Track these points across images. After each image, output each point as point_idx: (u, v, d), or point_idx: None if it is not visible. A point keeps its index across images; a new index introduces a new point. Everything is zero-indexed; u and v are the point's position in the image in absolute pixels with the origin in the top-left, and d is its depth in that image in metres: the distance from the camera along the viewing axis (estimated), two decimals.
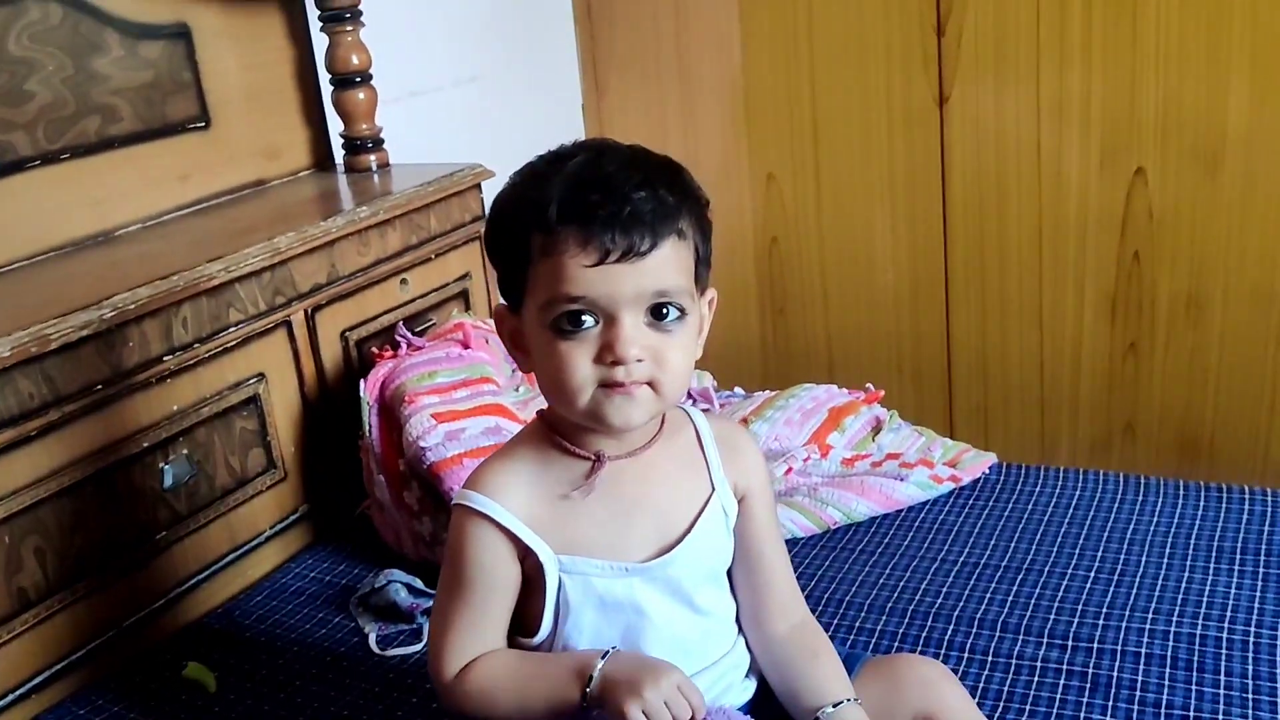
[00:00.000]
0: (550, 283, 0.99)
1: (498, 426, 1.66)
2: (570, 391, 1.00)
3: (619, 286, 0.98)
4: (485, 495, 1.06)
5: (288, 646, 1.54)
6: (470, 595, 1.07)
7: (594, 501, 1.07)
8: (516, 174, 1.06)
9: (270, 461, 1.73)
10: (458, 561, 1.07)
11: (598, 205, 0.97)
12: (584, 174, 1.00)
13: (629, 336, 0.98)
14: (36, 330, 1.40)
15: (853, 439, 1.87)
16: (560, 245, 0.98)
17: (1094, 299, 2.44)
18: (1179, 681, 1.32)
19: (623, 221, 0.97)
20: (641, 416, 1.02)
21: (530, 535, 1.05)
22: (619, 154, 1.03)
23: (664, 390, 1.01)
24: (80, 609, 1.49)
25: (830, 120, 2.57)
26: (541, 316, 1.00)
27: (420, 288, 1.96)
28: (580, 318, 0.99)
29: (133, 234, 1.81)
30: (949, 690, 1.15)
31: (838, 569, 1.60)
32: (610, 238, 0.97)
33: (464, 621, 1.07)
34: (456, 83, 2.45)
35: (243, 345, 1.67)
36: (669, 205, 1.00)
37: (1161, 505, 1.68)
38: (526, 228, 1.00)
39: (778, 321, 2.77)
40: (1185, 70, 2.22)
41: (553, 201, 0.98)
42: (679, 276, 1.01)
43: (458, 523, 1.08)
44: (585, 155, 1.02)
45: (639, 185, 0.99)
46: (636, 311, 0.99)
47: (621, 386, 0.99)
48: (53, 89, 1.69)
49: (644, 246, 0.97)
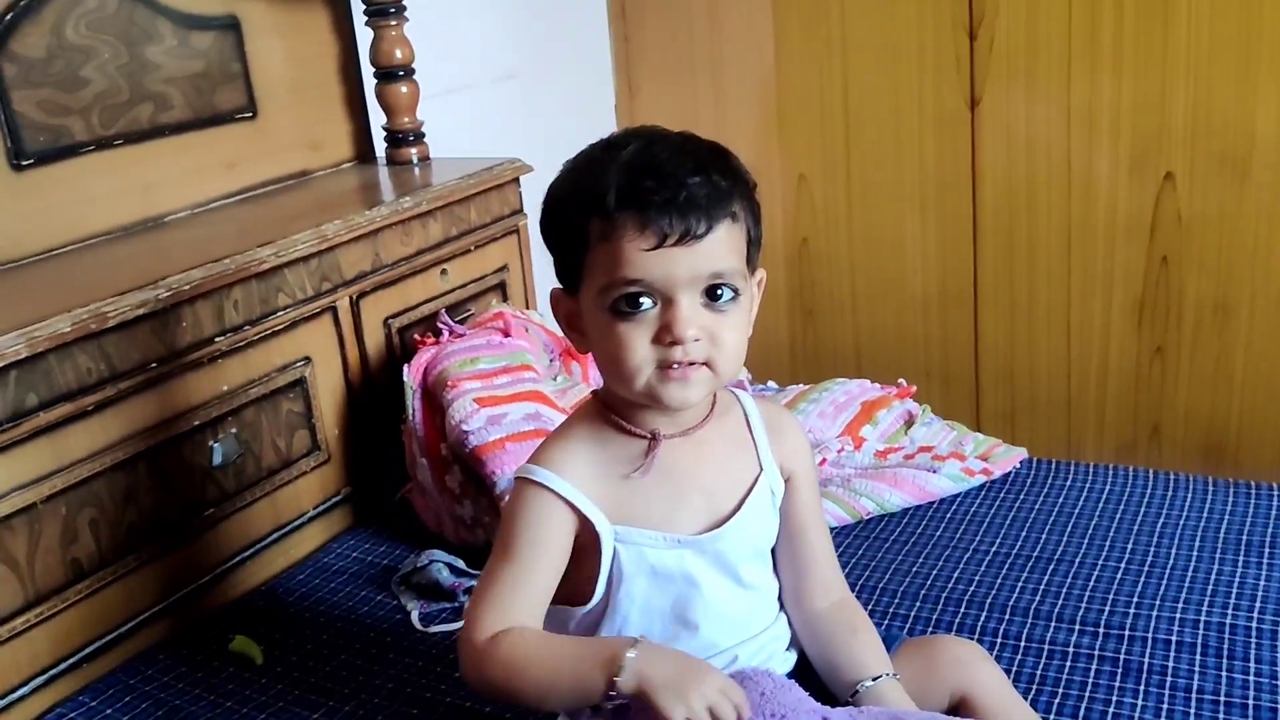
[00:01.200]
0: (609, 267, 1.02)
1: (538, 413, 1.69)
2: (629, 372, 1.04)
3: (675, 269, 1.01)
4: (548, 469, 1.09)
5: (331, 623, 1.58)
6: (518, 558, 1.07)
7: (649, 479, 1.10)
8: (570, 162, 1.10)
9: (315, 443, 1.77)
10: (511, 527, 1.09)
11: (654, 191, 1.00)
12: (639, 161, 1.03)
13: (686, 317, 1.02)
14: (95, 308, 1.44)
15: (885, 432, 1.90)
16: (618, 230, 1.01)
17: (1122, 303, 2.46)
18: (1210, 668, 1.34)
19: (679, 206, 1.00)
20: (698, 395, 1.06)
21: (589, 505, 1.08)
22: (671, 141, 1.07)
23: (720, 368, 1.05)
24: (131, 581, 1.53)
25: (862, 122, 2.60)
26: (600, 300, 1.04)
27: (460, 278, 2.00)
28: (638, 300, 1.02)
29: (181, 220, 1.85)
30: (985, 670, 1.18)
31: (871, 557, 1.62)
32: (667, 222, 1.00)
33: (507, 582, 1.06)
34: (494, 80, 2.49)
35: (290, 329, 1.71)
36: (722, 190, 1.03)
37: (1190, 500, 1.70)
38: (584, 214, 1.04)
39: (807, 322, 2.80)
40: (1215, 76, 2.24)
41: (610, 188, 1.02)
42: (732, 258, 1.04)
43: (518, 494, 1.10)
44: (638, 143, 1.06)
45: (693, 171, 1.02)
46: (693, 293, 1.02)
47: (678, 369, 1.02)
48: (108, 76, 1.74)
49: (700, 230, 1.01)
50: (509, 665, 1.03)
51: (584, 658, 1.01)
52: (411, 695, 1.41)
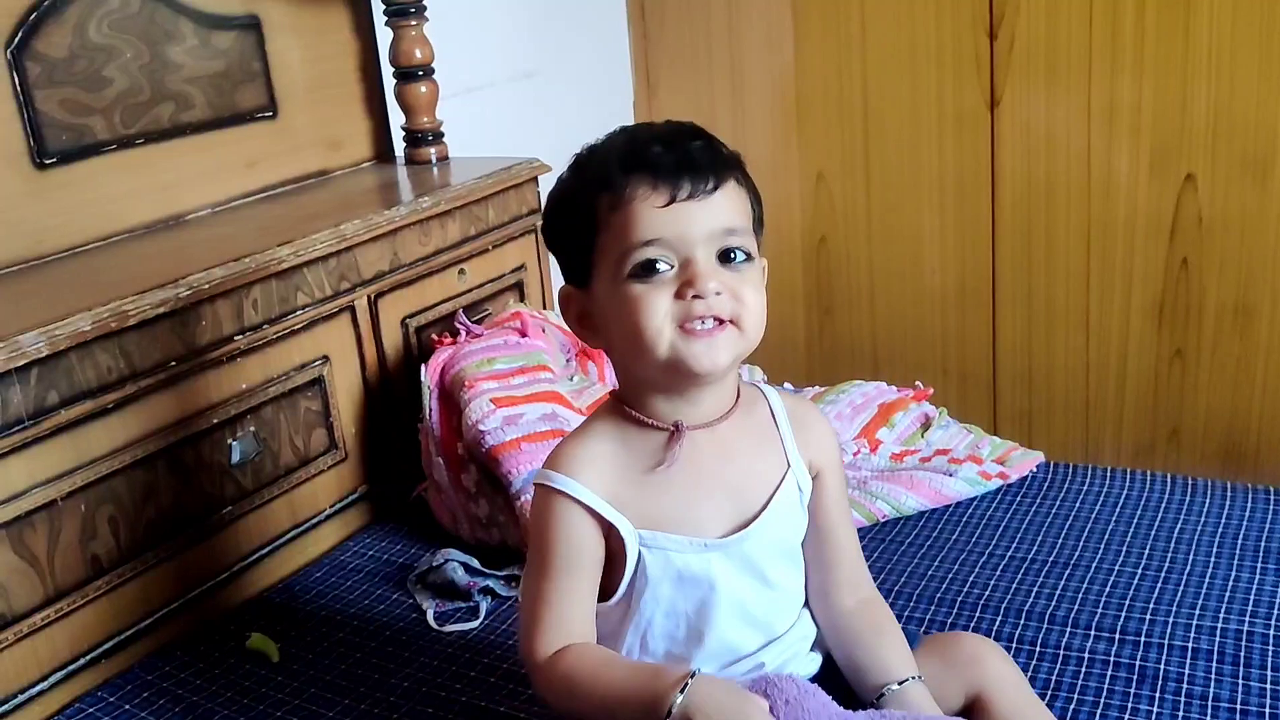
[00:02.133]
0: (623, 234, 1.03)
1: (554, 413, 1.70)
2: (650, 337, 1.02)
3: (690, 226, 1.02)
4: (566, 474, 1.07)
5: (347, 621, 1.59)
6: (558, 573, 1.07)
7: (673, 476, 1.08)
8: (569, 165, 1.11)
9: (332, 442, 1.78)
10: (544, 541, 1.08)
11: (660, 154, 1.03)
12: (639, 134, 1.07)
13: (706, 271, 1.02)
14: (116, 306, 1.45)
15: (902, 434, 1.90)
16: (629, 194, 1.02)
17: (1141, 305, 2.44)
18: (1226, 675, 1.33)
19: (686, 164, 1.03)
20: (725, 358, 1.04)
21: (611, 512, 1.07)
22: (667, 123, 1.09)
23: (745, 325, 1.04)
24: (149, 578, 1.54)
25: (881, 121, 2.59)
26: (616, 271, 1.03)
27: (477, 278, 2.00)
28: (655, 264, 1.02)
29: (201, 218, 1.86)
30: (1002, 667, 1.17)
31: (887, 560, 1.62)
32: (677, 178, 1.02)
33: (553, 604, 1.07)
34: (512, 78, 2.49)
35: (309, 328, 1.72)
36: (723, 154, 1.07)
37: (1209, 505, 1.69)
38: (592, 194, 1.05)
39: (824, 321, 2.80)
40: (1237, 77, 2.23)
41: (615, 161, 1.04)
42: (743, 218, 1.06)
43: (540, 502, 1.09)
44: (637, 127, 1.10)
45: (692, 137, 1.06)
46: (709, 251, 1.03)
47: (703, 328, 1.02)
48: (130, 76, 1.75)
49: (709, 185, 1.03)
50: (565, 690, 1.05)
51: (634, 694, 1.01)
52: (427, 694, 1.42)
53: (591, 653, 1.07)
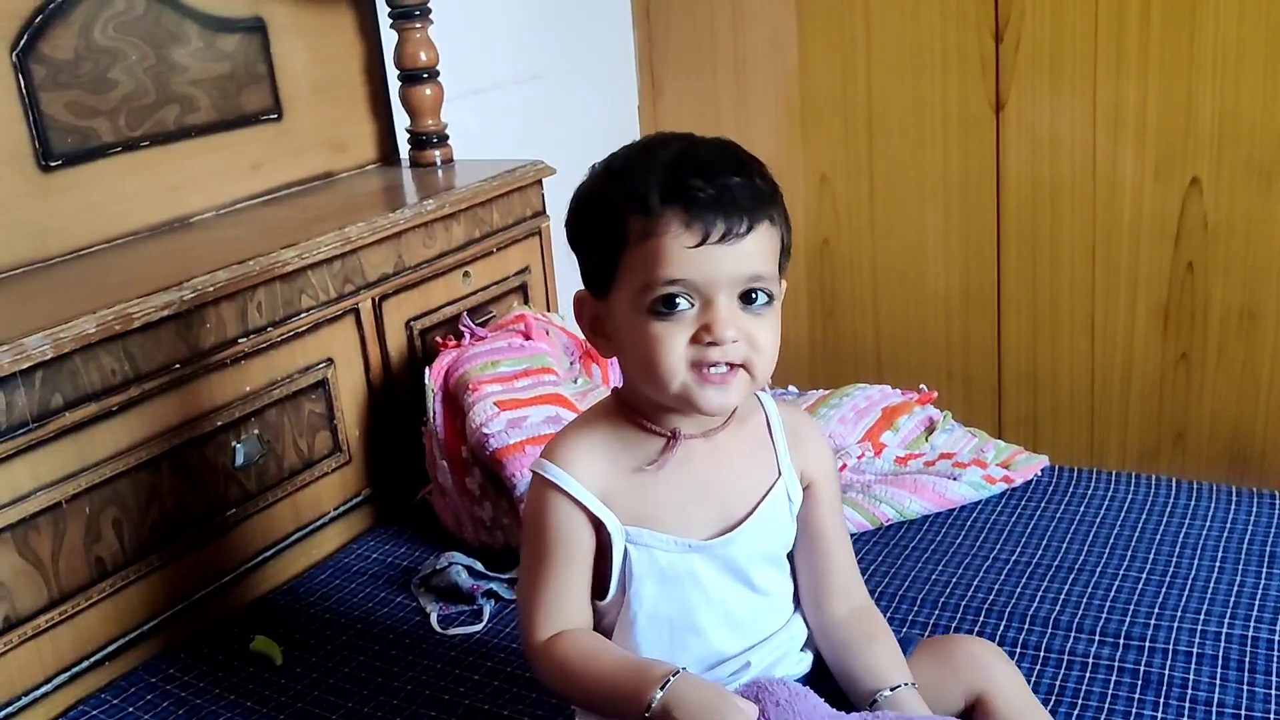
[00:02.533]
0: (648, 265, 1.02)
1: (558, 416, 1.70)
2: (664, 374, 1.03)
3: (716, 269, 1.01)
4: (560, 467, 1.09)
5: (351, 623, 1.59)
6: (552, 562, 1.10)
7: (664, 477, 1.10)
8: (602, 164, 1.10)
9: (336, 444, 1.78)
10: (538, 530, 1.10)
11: (699, 189, 1.01)
12: (682, 161, 1.03)
13: (725, 318, 1.01)
14: (120, 309, 1.45)
15: (906, 438, 1.89)
16: (661, 227, 1.01)
17: (1146, 308, 2.44)
18: (1231, 681, 1.33)
19: (723, 205, 1.01)
20: (735, 400, 1.06)
21: (600, 507, 1.08)
22: (711, 144, 1.07)
23: (757, 372, 1.05)
24: (154, 580, 1.54)
25: (885, 123, 2.59)
26: (637, 300, 1.03)
27: (482, 281, 2.00)
28: (675, 301, 1.02)
29: (206, 220, 1.86)
30: (1002, 670, 1.17)
31: (890, 564, 1.62)
32: (711, 219, 1.00)
33: (549, 589, 1.10)
34: (517, 80, 2.49)
35: (313, 331, 1.72)
36: (763, 192, 1.04)
37: (1214, 510, 1.69)
38: (624, 212, 1.03)
39: (827, 324, 2.79)
40: (1242, 81, 2.22)
41: (654, 186, 1.02)
42: (769, 262, 1.05)
43: (535, 492, 1.11)
44: (679, 144, 1.06)
45: (735, 172, 1.03)
46: (731, 295, 1.02)
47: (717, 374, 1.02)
48: (135, 78, 1.75)
49: (742, 229, 1.01)
50: (559, 675, 1.09)
51: (619, 686, 1.04)
52: (430, 697, 1.42)
53: (584, 641, 1.09)
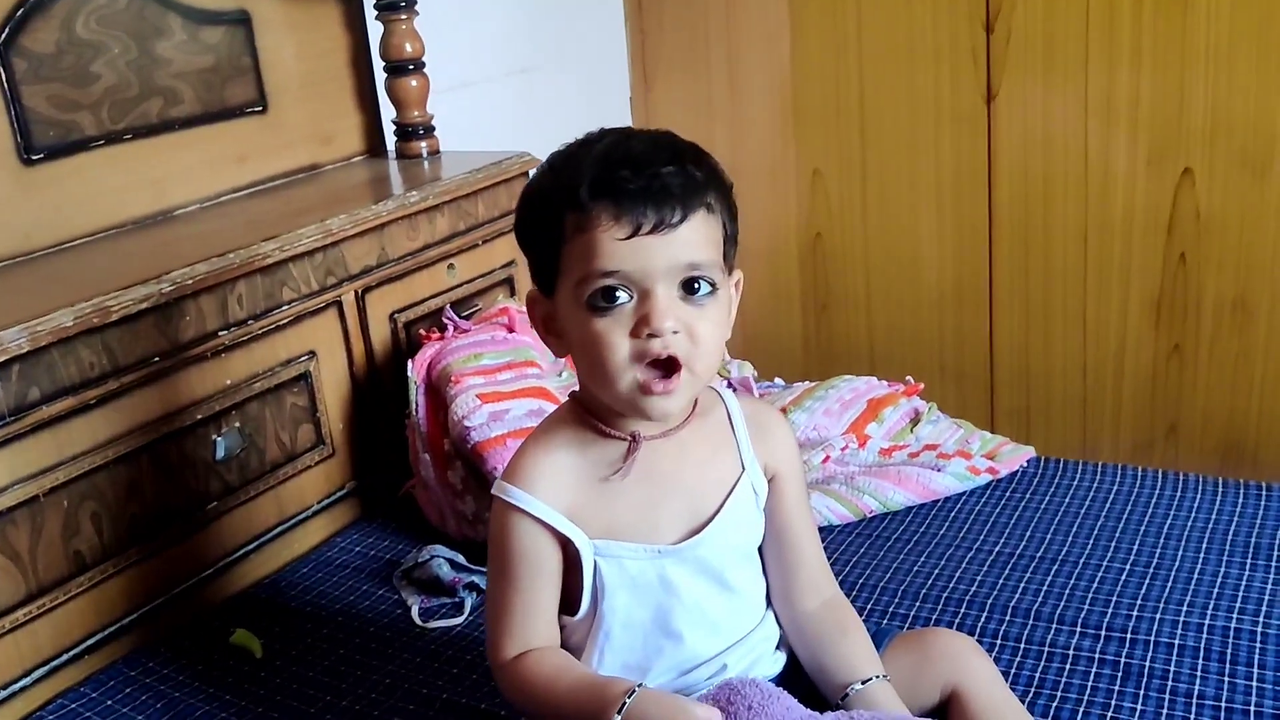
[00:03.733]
0: (584, 259, 1.01)
1: (540, 409, 1.69)
2: (610, 373, 1.02)
3: (651, 259, 1.00)
4: (522, 488, 1.08)
5: (332, 617, 1.58)
6: (518, 583, 1.09)
7: (629, 482, 1.09)
8: (545, 161, 1.09)
9: (319, 438, 1.77)
10: (503, 552, 1.10)
11: (628, 180, 1.00)
12: (613, 153, 1.03)
13: (663, 308, 1.01)
14: (98, 302, 1.45)
15: (891, 430, 1.89)
16: (593, 221, 1.00)
17: (1139, 301, 2.43)
18: (1211, 673, 1.32)
19: (653, 194, 1.00)
20: (680, 405, 1.06)
21: (566, 524, 1.07)
22: (646, 135, 1.07)
23: (697, 368, 1.03)
24: (133, 574, 1.54)
25: (877, 117, 2.58)
26: (576, 294, 1.03)
27: (467, 273, 2.00)
28: (614, 293, 1.01)
29: (190, 214, 1.85)
30: (977, 663, 1.17)
31: (873, 556, 1.61)
32: (642, 210, 1.00)
33: (515, 608, 1.09)
34: (508, 73, 2.49)
35: (295, 323, 1.71)
36: (696, 180, 1.03)
37: (1200, 501, 1.68)
38: (559, 208, 1.03)
39: (820, 318, 2.79)
40: (1235, 72, 2.21)
41: (584, 180, 1.01)
42: (709, 250, 1.04)
43: (498, 514, 1.10)
44: (613, 137, 1.06)
45: (667, 161, 1.02)
46: (670, 284, 1.01)
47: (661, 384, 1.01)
48: (118, 71, 1.75)
49: (674, 219, 1.00)
50: (521, 696, 1.09)
51: (580, 708, 1.03)
52: (409, 690, 1.41)
53: (548, 661, 1.08)
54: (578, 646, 1.13)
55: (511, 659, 1.09)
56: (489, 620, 1.13)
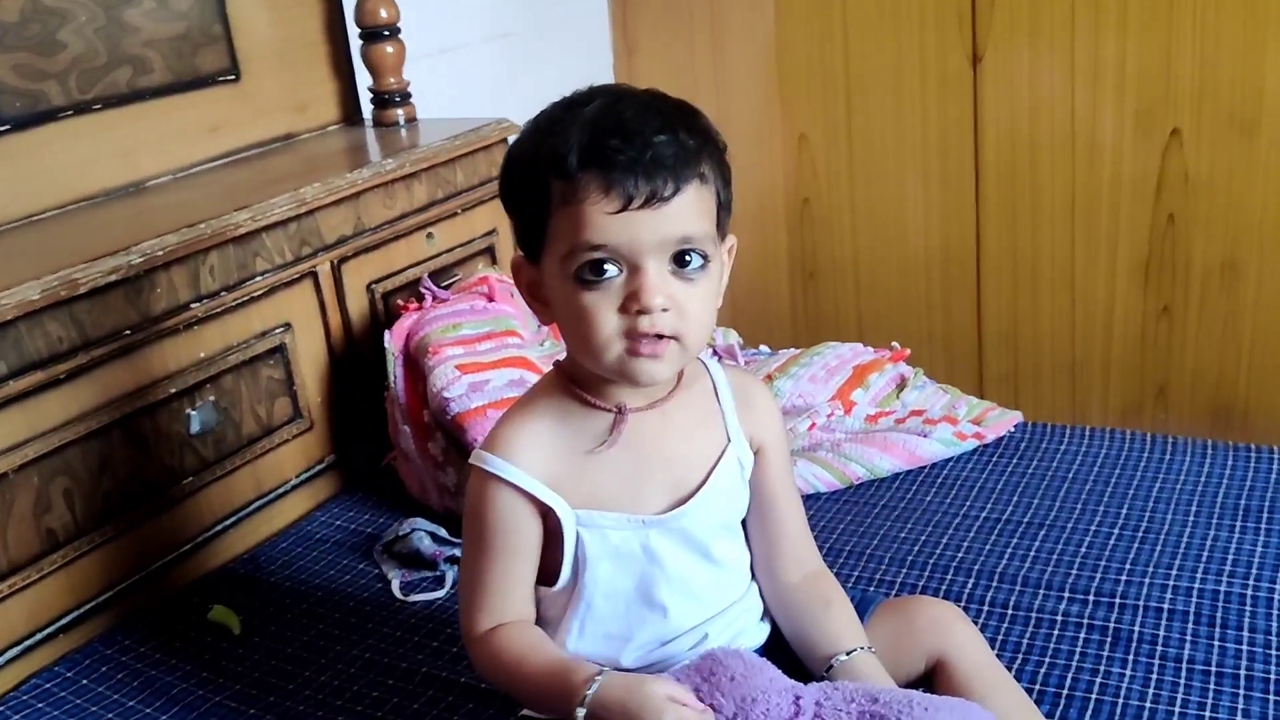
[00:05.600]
0: (571, 232, 0.98)
1: (522, 379, 1.67)
2: (597, 346, 1.00)
3: (642, 233, 0.97)
4: (502, 457, 1.05)
5: (312, 592, 1.56)
6: (494, 555, 1.07)
7: (613, 454, 1.07)
8: (531, 122, 1.05)
9: (296, 411, 1.75)
10: (479, 523, 1.07)
11: (618, 150, 0.96)
12: (603, 119, 0.98)
13: (653, 285, 0.97)
14: (65, 274, 1.42)
15: (877, 396, 1.87)
16: (581, 193, 0.96)
17: (1127, 263, 2.41)
18: (1201, 637, 1.31)
19: (645, 166, 0.96)
20: (668, 371, 1.03)
21: (548, 493, 1.05)
22: (636, 98, 1.02)
23: (688, 341, 1.01)
24: (108, 551, 1.51)
25: (863, 81, 2.55)
26: (563, 267, 0.99)
27: (447, 242, 1.96)
28: (603, 267, 0.98)
29: (162, 185, 1.82)
30: (961, 631, 1.15)
31: (859, 523, 1.60)
32: (633, 183, 0.95)
33: (491, 584, 1.07)
34: (487, 39, 2.45)
35: (269, 295, 1.68)
36: (690, 149, 0.99)
37: (1189, 464, 1.66)
38: (545, 176, 0.99)
39: (808, 284, 2.76)
40: (1222, 31, 2.18)
41: (572, 148, 0.97)
42: (702, 222, 1.00)
43: (475, 484, 1.08)
44: (602, 100, 1.01)
45: (659, 129, 0.97)
46: (660, 259, 0.98)
47: (648, 345, 0.99)
48: (85, 39, 1.71)
49: (667, 192, 0.96)
50: (493, 671, 1.08)
51: (547, 693, 1.03)
52: (388, 665, 1.40)
53: (518, 637, 1.07)
54: (556, 618, 1.11)
55: (484, 633, 1.07)
56: (462, 592, 1.11)
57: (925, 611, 1.17)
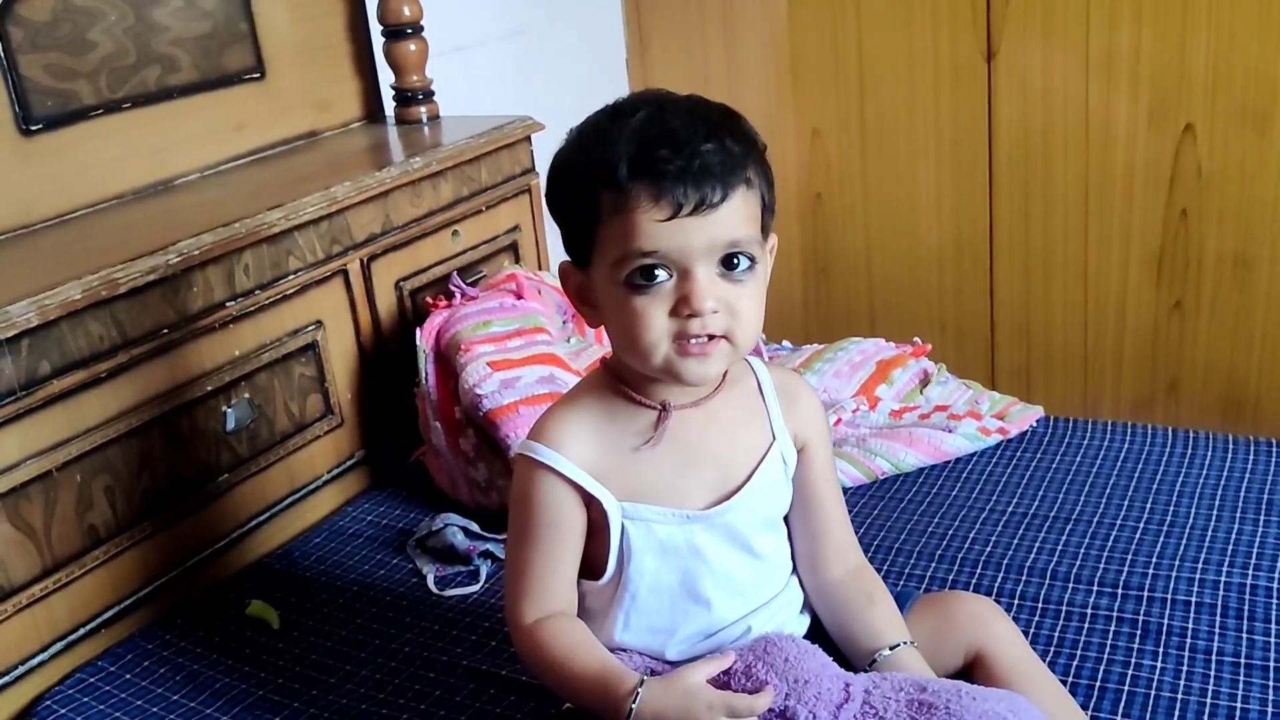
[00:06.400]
0: (622, 239, 1.00)
1: (551, 375, 1.69)
2: (646, 347, 1.02)
3: (692, 239, 0.99)
4: (549, 446, 1.07)
5: (347, 586, 1.58)
6: (540, 544, 1.09)
7: (658, 450, 1.08)
8: (575, 131, 1.07)
9: (328, 407, 1.76)
10: (525, 511, 1.09)
11: (667, 160, 0.98)
12: (649, 129, 1.00)
13: (704, 289, 0.99)
14: (106, 274, 1.43)
15: (900, 391, 1.89)
16: (631, 202, 0.99)
17: (1140, 257, 2.43)
18: (1229, 629, 1.33)
19: (694, 175, 0.98)
20: (717, 370, 1.05)
21: (594, 484, 1.07)
22: (680, 106, 1.04)
23: (739, 341, 1.03)
24: (147, 547, 1.53)
25: (876, 75, 2.56)
26: (614, 273, 1.01)
27: (471, 239, 1.98)
28: (654, 272, 1.00)
29: (191, 183, 1.83)
30: (1000, 625, 1.17)
31: (886, 517, 1.62)
32: (682, 192, 0.98)
33: (536, 569, 1.09)
34: (502, 36, 2.46)
35: (301, 293, 1.70)
36: (736, 155, 1.01)
37: (1210, 458, 1.68)
38: (594, 186, 1.01)
39: (821, 279, 2.78)
40: (1236, 26, 2.20)
41: (621, 159, 0.99)
42: (749, 226, 1.02)
43: (523, 473, 1.09)
44: (647, 110, 1.03)
45: (706, 137, 1.00)
46: (709, 263, 1.00)
47: (697, 345, 1.01)
48: (114, 39, 1.72)
49: (715, 198, 0.99)
50: (538, 664, 1.09)
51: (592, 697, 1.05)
52: (428, 659, 1.42)
53: (565, 634, 1.08)
54: (601, 610, 1.13)
55: (530, 624, 1.09)
56: (508, 580, 1.13)
57: (964, 606, 1.19)
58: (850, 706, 1.02)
